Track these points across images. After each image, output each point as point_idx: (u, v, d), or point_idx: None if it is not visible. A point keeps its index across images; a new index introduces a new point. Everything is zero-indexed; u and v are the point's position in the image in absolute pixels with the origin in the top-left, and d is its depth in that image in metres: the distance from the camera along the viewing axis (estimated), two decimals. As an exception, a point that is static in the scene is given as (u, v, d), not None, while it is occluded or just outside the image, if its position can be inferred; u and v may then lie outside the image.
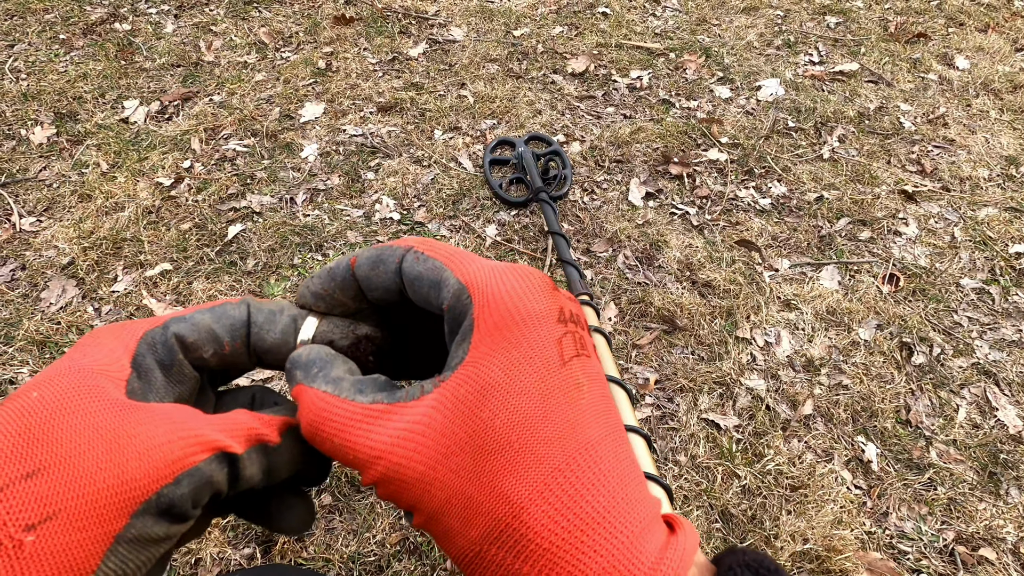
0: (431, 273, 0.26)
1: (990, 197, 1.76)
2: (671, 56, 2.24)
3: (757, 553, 0.23)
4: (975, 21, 2.46)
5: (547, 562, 0.21)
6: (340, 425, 0.24)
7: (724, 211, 1.70)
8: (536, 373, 0.23)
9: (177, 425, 0.22)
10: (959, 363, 1.38)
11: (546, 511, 0.21)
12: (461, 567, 0.23)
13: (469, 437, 0.22)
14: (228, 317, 0.27)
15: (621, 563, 0.21)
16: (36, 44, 2.11)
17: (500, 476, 0.21)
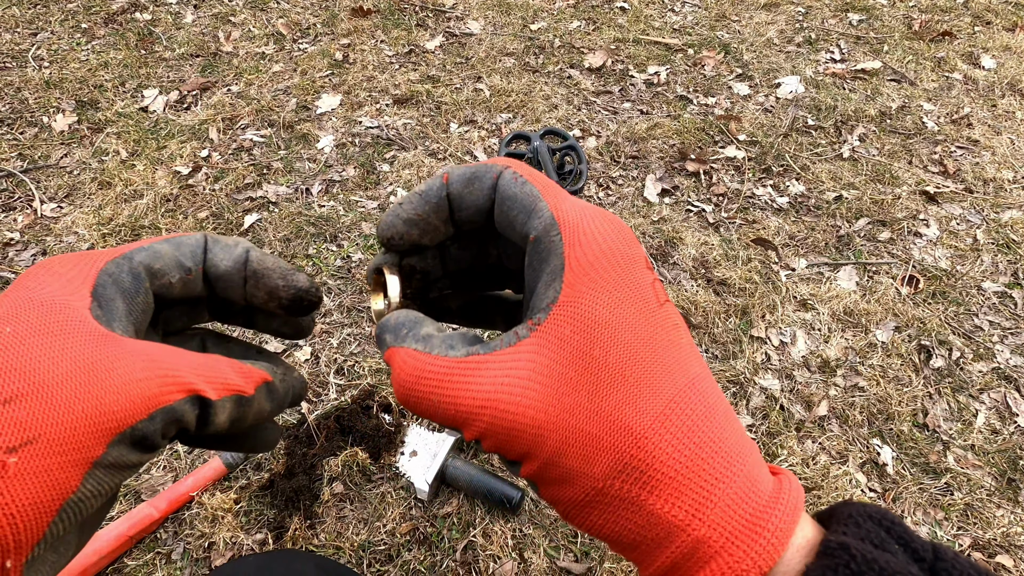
0: (527, 198, 0.25)
1: (1014, 199, 1.73)
2: (689, 52, 2.21)
3: (878, 506, 0.23)
4: (1002, 20, 2.41)
5: (673, 490, 0.21)
6: (438, 381, 0.23)
7: (741, 209, 1.68)
8: (640, 312, 0.23)
9: (156, 363, 0.23)
10: (979, 367, 1.36)
11: (669, 440, 0.21)
12: (579, 511, 0.22)
13: (581, 375, 0.22)
14: (186, 245, 0.27)
15: (742, 493, 0.21)
16: (59, 33, 2.14)
17: (620, 409, 0.21)
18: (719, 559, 0.20)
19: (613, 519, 0.22)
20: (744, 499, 0.21)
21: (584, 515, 0.22)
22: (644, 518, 0.21)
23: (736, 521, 0.21)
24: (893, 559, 0.20)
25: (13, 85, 1.91)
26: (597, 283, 0.23)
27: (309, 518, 1.07)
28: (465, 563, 1.04)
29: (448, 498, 1.11)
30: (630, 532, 0.22)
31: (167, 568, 1.02)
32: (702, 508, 0.21)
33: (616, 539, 0.22)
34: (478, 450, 1.17)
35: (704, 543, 0.20)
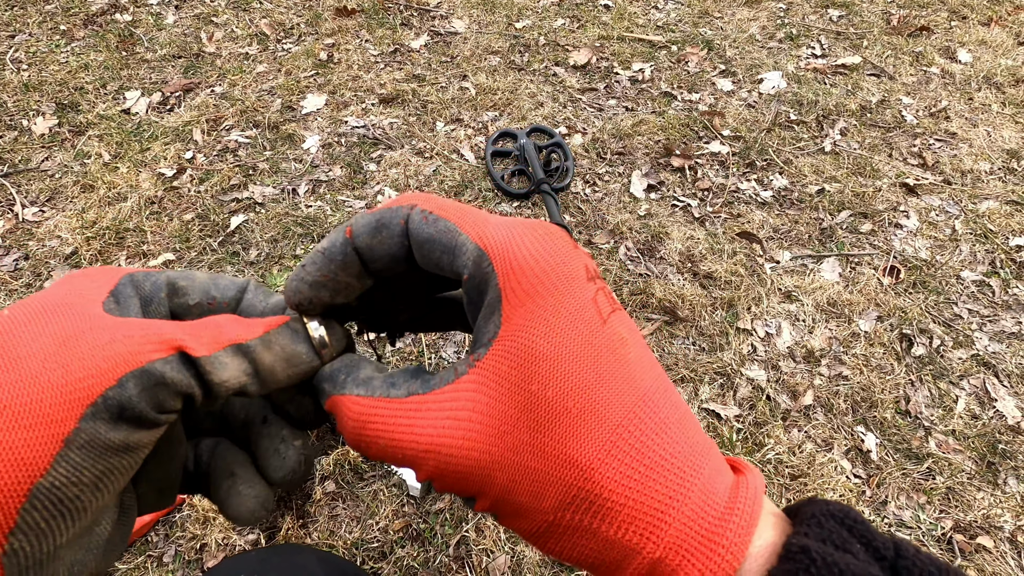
0: (444, 236, 0.24)
1: (991, 190, 1.77)
2: (673, 49, 2.23)
3: (841, 504, 0.23)
4: (978, 15, 2.46)
5: (624, 517, 0.21)
6: (382, 426, 0.23)
7: (725, 203, 1.70)
8: (581, 336, 0.22)
9: (134, 327, 0.21)
10: (959, 355, 1.39)
11: (616, 467, 0.21)
12: (537, 540, 0.22)
13: (522, 412, 0.22)
14: (225, 281, 0.26)
15: (698, 507, 0.21)
16: (37, 35, 2.11)
17: (564, 443, 0.21)
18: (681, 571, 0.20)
19: (570, 546, 0.22)
20: (699, 514, 0.21)
21: (543, 543, 0.22)
22: (599, 544, 0.21)
23: (692, 538, 0.21)
24: (854, 561, 0.20)
25: (-9, 88, 1.88)
26: (534, 312, 0.22)
27: (302, 517, 1.08)
28: (458, 558, 1.05)
29: (440, 494, 1.12)
30: (588, 556, 0.22)
31: (159, 571, 1.02)
32: (656, 530, 0.21)
33: (577, 562, 0.22)
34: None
35: (661, 562, 0.21)
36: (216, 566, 0.53)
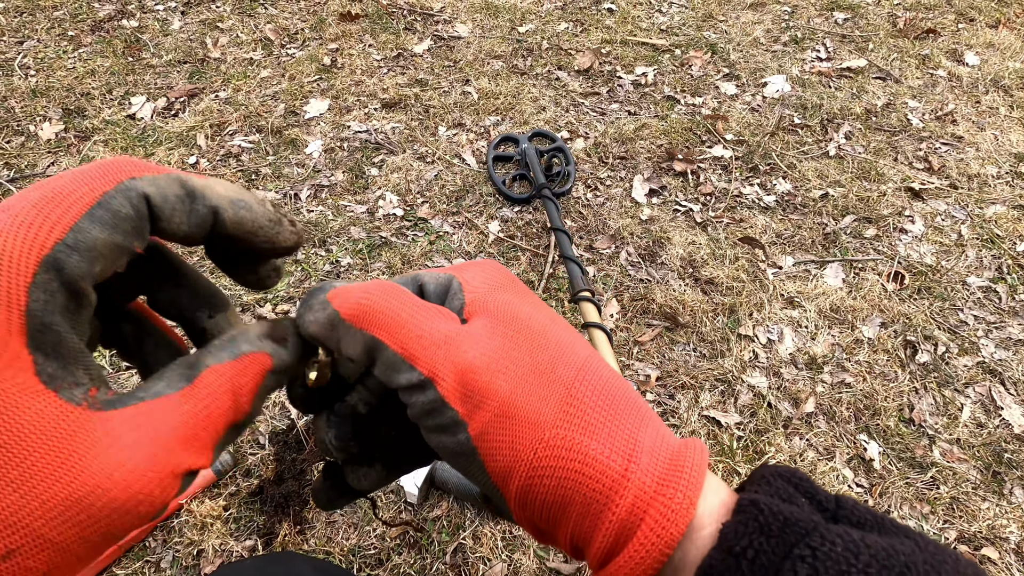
0: (404, 280, 0.27)
1: (998, 195, 1.75)
2: (676, 52, 2.22)
3: (788, 466, 0.24)
4: (986, 17, 2.43)
5: (606, 436, 0.23)
6: (399, 310, 0.24)
7: (728, 208, 1.69)
8: (532, 302, 0.27)
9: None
10: (964, 362, 1.37)
11: (592, 393, 0.24)
12: (528, 477, 0.22)
13: (514, 340, 0.24)
14: (125, 220, 0.20)
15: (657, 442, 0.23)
16: (45, 41, 2.13)
17: (553, 365, 0.24)
18: (646, 520, 0.22)
19: (563, 475, 0.22)
20: (659, 447, 0.23)
21: (536, 481, 0.22)
22: (591, 468, 0.22)
23: (657, 470, 0.22)
24: (797, 509, 0.21)
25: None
26: (493, 285, 0.27)
27: (299, 524, 1.08)
28: (455, 566, 1.05)
29: (438, 501, 1.12)
30: (578, 489, 0.22)
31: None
32: (633, 454, 0.22)
33: (563, 503, 0.22)
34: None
35: (635, 503, 0.22)
36: (215, 572, 0.54)
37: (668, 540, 0.21)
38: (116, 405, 0.20)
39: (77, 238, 0.19)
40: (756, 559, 0.20)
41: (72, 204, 0.20)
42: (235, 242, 0.24)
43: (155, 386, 0.21)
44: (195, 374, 0.22)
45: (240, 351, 0.23)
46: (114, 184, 0.20)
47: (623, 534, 0.22)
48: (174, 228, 0.22)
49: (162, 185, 0.21)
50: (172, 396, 0.21)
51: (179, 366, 0.22)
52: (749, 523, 0.21)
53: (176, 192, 0.21)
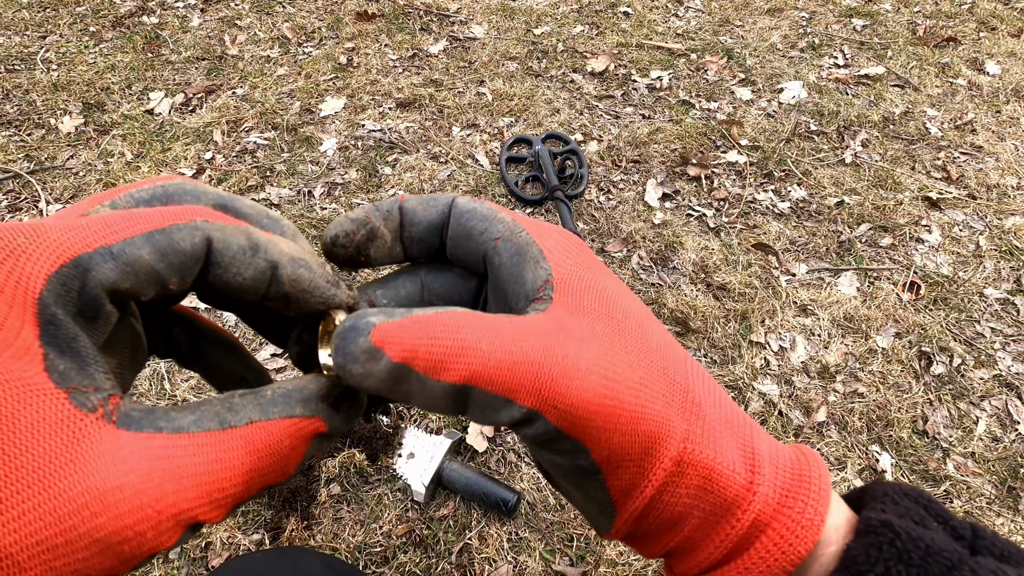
0: (487, 210, 0.25)
1: (1018, 206, 1.72)
2: (692, 57, 2.22)
3: (912, 485, 0.22)
4: (1008, 26, 2.40)
5: (728, 449, 0.21)
6: (485, 331, 0.19)
7: (742, 214, 1.68)
8: (621, 284, 0.24)
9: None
10: (980, 374, 1.35)
11: (705, 397, 0.22)
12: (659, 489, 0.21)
13: (620, 336, 0.21)
14: (177, 253, 0.19)
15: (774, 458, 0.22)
16: (67, 36, 2.16)
17: (664, 365, 0.21)
18: (769, 533, 0.20)
19: (686, 492, 0.20)
20: (776, 456, 0.21)
21: (655, 496, 0.20)
22: (715, 484, 0.20)
23: (779, 489, 0.21)
24: (939, 536, 0.19)
25: (21, 87, 1.93)
26: (578, 260, 0.23)
27: (306, 519, 1.08)
28: (460, 566, 1.05)
29: (444, 500, 1.12)
30: (699, 504, 0.21)
31: (164, 568, 1.03)
32: (755, 465, 0.21)
33: (680, 517, 0.21)
34: (474, 454, 1.17)
35: (758, 516, 0.20)
36: (223, 566, 0.54)
37: (793, 556, 0.20)
38: (132, 425, 0.17)
39: (124, 249, 0.18)
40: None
41: (138, 223, 0.19)
42: (289, 301, 0.22)
43: (181, 419, 0.18)
44: (233, 420, 0.19)
45: (294, 412, 0.20)
46: (186, 220, 0.19)
47: (740, 547, 0.21)
48: (230, 277, 0.20)
49: (229, 232, 0.20)
50: (197, 436, 0.18)
51: (215, 404, 0.19)
52: (884, 547, 0.19)
53: (240, 243, 0.20)
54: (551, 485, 0.26)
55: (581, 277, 0.22)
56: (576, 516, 1.11)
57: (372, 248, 0.25)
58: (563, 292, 0.21)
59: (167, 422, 0.18)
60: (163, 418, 0.18)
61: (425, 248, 0.26)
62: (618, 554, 1.06)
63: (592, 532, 1.09)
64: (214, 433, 0.18)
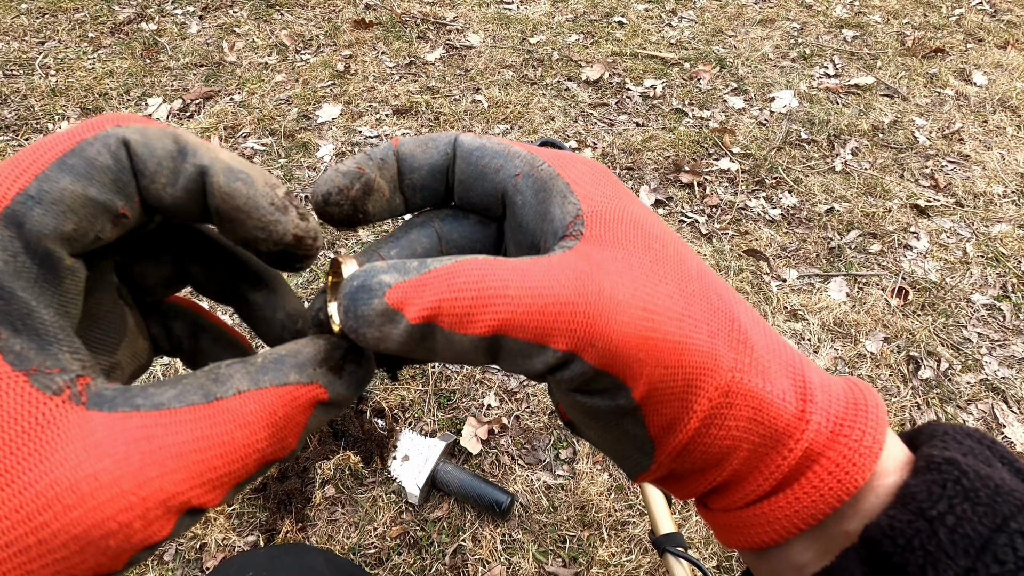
0: (498, 146, 0.23)
1: (1004, 214, 1.75)
2: (685, 66, 2.25)
3: (971, 426, 0.21)
4: (994, 37, 2.45)
5: (777, 377, 0.20)
6: (519, 277, 0.18)
7: (733, 220, 1.70)
8: (651, 212, 0.23)
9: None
10: (967, 379, 1.37)
11: (751, 326, 0.21)
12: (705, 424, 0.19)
13: (659, 266, 0.20)
14: (100, 170, 0.17)
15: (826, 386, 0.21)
16: (66, 42, 2.18)
17: (706, 294, 0.20)
18: (822, 462, 0.19)
19: (734, 424, 0.19)
20: (828, 384, 0.20)
21: (703, 430, 0.19)
22: (765, 414, 0.19)
23: (833, 418, 0.20)
24: (1008, 476, 0.18)
25: (20, 92, 1.94)
26: (607, 190, 0.21)
27: (301, 521, 1.09)
28: (454, 567, 1.05)
29: (439, 502, 1.13)
30: (747, 437, 0.19)
31: (159, 569, 1.03)
32: (807, 393, 0.20)
33: (728, 451, 0.20)
34: (469, 456, 1.18)
35: (811, 445, 0.19)
36: (227, 561, 0.54)
37: (849, 485, 0.19)
38: (105, 405, 0.15)
39: (41, 188, 0.16)
40: (958, 527, 0.17)
41: (43, 154, 0.16)
42: (222, 222, 0.19)
43: (160, 394, 0.16)
44: (219, 392, 0.17)
45: (287, 380, 0.18)
46: (95, 131, 0.17)
47: (791, 477, 0.20)
48: (158, 190, 0.18)
49: (150, 135, 0.18)
50: (179, 411, 0.16)
51: (200, 376, 0.17)
52: (948, 485, 0.18)
53: (165, 146, 0.18)
54: (574, 432, 0.25)
55: (613, 208, 0.20)
56: (569, 518, 1.12)
57: (369, 203, 0.22)
58: (594, 225, 0.20)
59: (145, 399, 0.16)
60: (140, 395, 0.16)
61: (429, 196, 0.24)
62: (610, 555, 1.07)
63: (585, 533, 1.10)
64: (199, 407, 0.16)
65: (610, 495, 1.14)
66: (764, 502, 0.20)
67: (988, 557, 0.17)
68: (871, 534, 0.18)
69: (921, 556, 0.17)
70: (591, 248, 0.19)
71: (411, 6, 2.48)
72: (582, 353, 0.18)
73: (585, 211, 0.20)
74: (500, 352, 0.18)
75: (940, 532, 0.17)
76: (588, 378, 0.18)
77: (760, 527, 0.20)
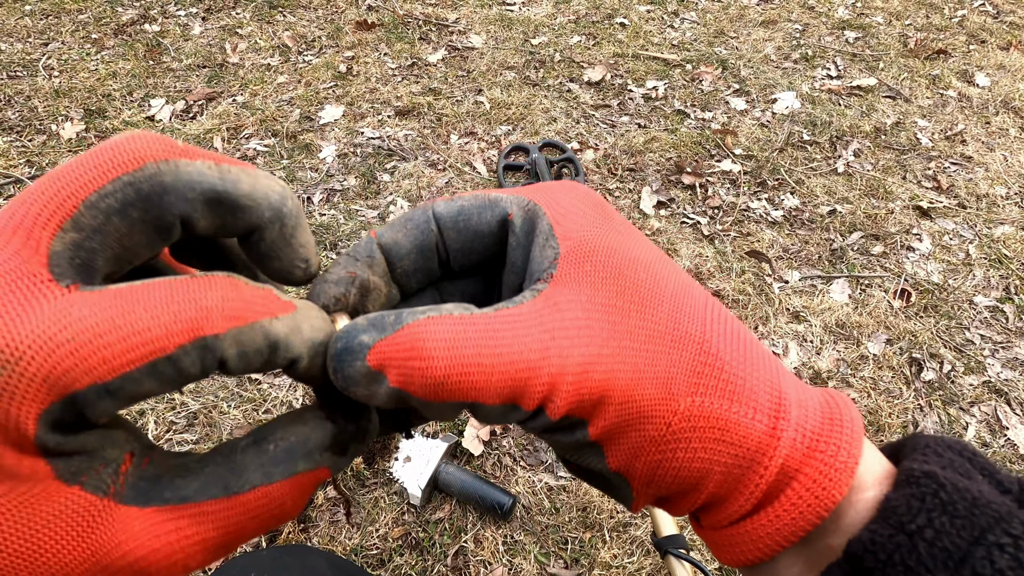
0: (477, 200, 0.23)
1: (1007, 215, 1.75)
2: (687, 67, 2.25)
3: (953, 437, 0.21)
4: (997, 39, 2.45)
5: (748, 398, 0.20)
6: (482, 343, 0.18)
7: (736, 222, 1.70)
8: (634, 235, 0.23)
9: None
10: (970, 380, 1.37)
11: (725, 345, 0.21)
12: (663, 452, 0.20)
13: (624, 298, 0.20)
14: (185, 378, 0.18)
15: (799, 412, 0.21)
16: (69, 43, 2.18)
17: (675, 321, 0.20)
18: (800, 479, 0.19)
19: (700, 447, 0.20)
20: (805, 399, 0.20)
21: (670, 452, 0.20)
22: (732, 435, 0.20)
23: (808, 434, 0.20)
24: (985, 488, 0.18)
25: (23, 93, 1.95)
26: (589, 222, 0.22)
27: (302, 521, 1.09)
28: (456, 568, 1.05)
29: (440, 504, 1.13)
30: (717, 459, 0.20)
31: (161, 569, 1.03)
32: (780, 409, 0.20)
33: (700, 474, 0.20)
34: (471, 456, 1.18)
35: (784, 467, 0.20)
36: (229, 562, 0.54)
37: (827, 500, 0.19)
38: (139, 500, 0.18)
39: (122, 387, 0.16)
40: (936, 541, 0.17)
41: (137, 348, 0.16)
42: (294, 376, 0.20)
43: (185, 487, 0.18)
44: (235, 486, 0.19)
45: (296, 469, 0.20)
46: (192, 337, 0.17)
47: (770, 495, 0.20)
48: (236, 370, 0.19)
49: (245, 342, 0.18)
50: (202, 505, 0.18)
51: (219, 464, 0.19)
52: (927, 498, 0.18)
53: (257, 346, 0.18)
54: (574, 475, 0.25)
55: (590, 241, 0.21)
56: (571, 520, 1.12)
57: (369, 303, 0.23)
58: (567, 263, 0.21)
59: (172, 492, 0.18)
60: (168, 487, 0.18)
61: (423, 277, 0.24)
62: (612, 557, 1.07)
63: (587, 535, 1.10)
64: (218, 501, 0.19)
65: (612, 497, 1.14)
66: (747, 520, 0.20)
67: (967, 571, 0.17)
68: (854, 549, 0.18)
69: (901, 570, 0.17)
70: (557, 291, 0.20)
71: (413, 7, 2.48)
72: (546, 406, 0.19)
73: (562, 252, 0.21)
74: (475, 411, 0.20)
75: (920, 546, 0.17)
76: (550, 426, 0.20)
77: (746, 544, 0.21)
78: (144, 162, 0.18)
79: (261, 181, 0.20)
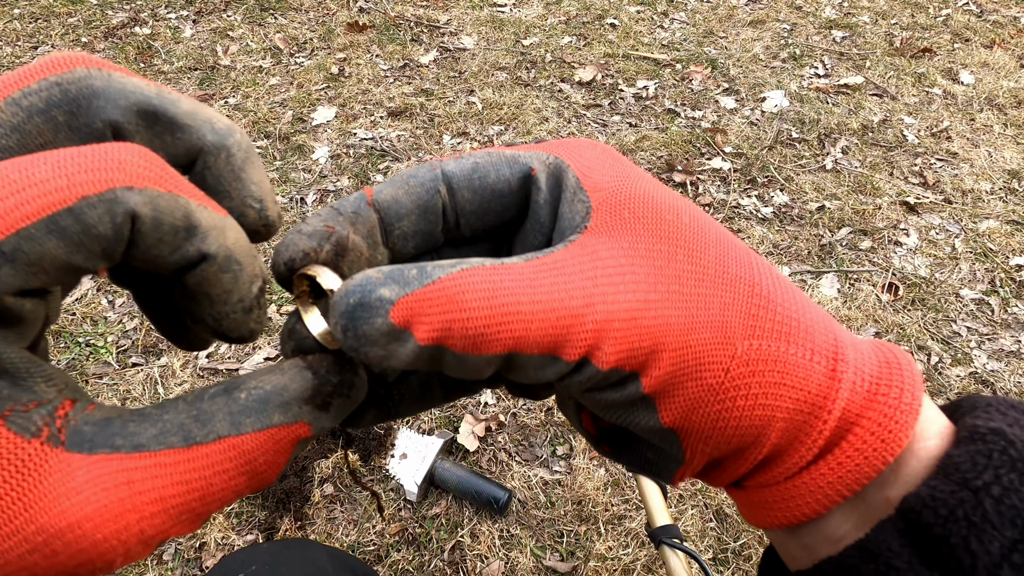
0: (492, 156, 0.21)
1: (992, 210, 1.78)
2: (678, 67, 2.27)
3: (1014, 398, 0.20)
4: (981, 37, 2.48)
5: (807, 339, 0.19)
6: (520, 292, 0.17)
7: (726, 219, 1.72)
8: (661, 185, 0.21)
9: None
10: (957, 372, 1.39)
11: (776, 287, 0.20)
12: (721, 401, 0.19)
13: (669, 244, 0.19)
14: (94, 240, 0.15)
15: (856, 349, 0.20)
16: (59, 46, 2.18)
17: (724, 264, 0.19)
18: (862, 423, 0.19)
19: (761, 392, 0.18)
20: (859, 343, 0.19)
21: (728, 404, 0.18)
22: (793, 377, 0.18)
23: (867, 377, 0.19)
24: None
25: (14, 97, 1.94)
26: (617, 172, 0.21)
27: (299, 519, 1.09)
28: (453, 563, 1.06)
29: (437, 499, 1.13)
30: (780, 404, 0.18)
31: (158, 569, 1.03)
32: (838, 352, 0.19)
33: (763, 422, 0.19)
34: (466, 453, 1.19)
35: (847, 406, 0.19)
36: (229, 556, 0.54)
37: (892, 444, 0.18)
38: (84, 446, 0.15)
39: (19, 247, 0.14)
40: (1004, 498, 0.17)
41: (33, 196, 0.14)
42: (183, 291, 0.17)
43: (140, 434, 0.16)
44: (198, 435, 0.16)
45: (271, 422, 0.17)
46: (101, 188, 0.15)
47: (832, 442, 0.19)
48: (147, 258, 0.16)
49: (162, 207, 0.15)
50: (158, 455, 0.16)
51: (181, 411, 0.16)
52: (994, 455, 0.17)
53: (174, 222, 0.16)
54: (596, 450, 0.24)
55: (621, 191, 0.20)
56: (566, 513, 1.13)
57: (345, 265, 0.20)
58: (601, 213, 0.19)
59: (124, 438, 0.15)
60: (120, 433, 0.16)
61: (423, 241, 0.21)
62: (607, 549, 1.08)
63: (582, 528, 1.11)
64: (178, 451, 0.16)
65: (606, 490, 1.15)
66: (805, 472, 0.19)
67: None
68: (910, 504, 0.18)
69: (965, 527, 0.17)
70: (595, 239, 0.19)
71: (405, 9, 2.49)
72: (592, 358, 0.18)
73: (593, 204, 0.20)
74: (512, 365, 0.18)
75: (985, 503, 0.17)
76: (597, 380, 0.18)
77: (801, 499, 0.20)
78: (74, 67, 0.16)
79: (205, 109, 0.18)
